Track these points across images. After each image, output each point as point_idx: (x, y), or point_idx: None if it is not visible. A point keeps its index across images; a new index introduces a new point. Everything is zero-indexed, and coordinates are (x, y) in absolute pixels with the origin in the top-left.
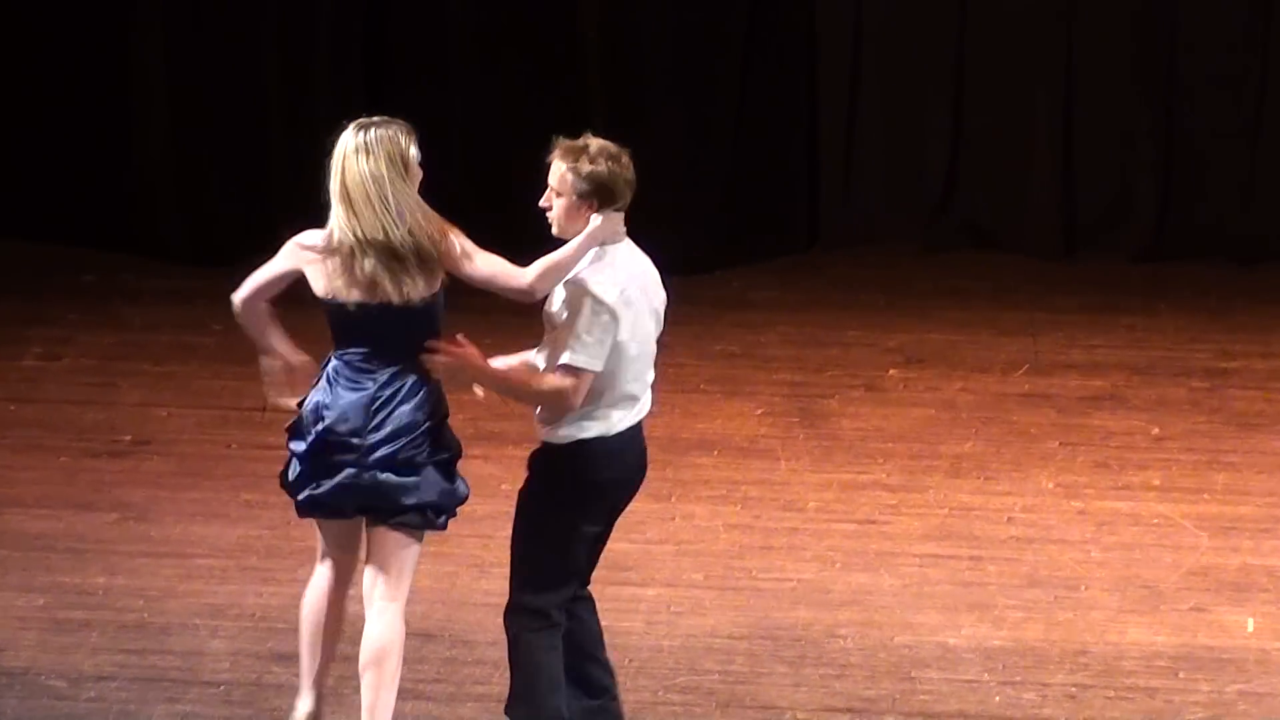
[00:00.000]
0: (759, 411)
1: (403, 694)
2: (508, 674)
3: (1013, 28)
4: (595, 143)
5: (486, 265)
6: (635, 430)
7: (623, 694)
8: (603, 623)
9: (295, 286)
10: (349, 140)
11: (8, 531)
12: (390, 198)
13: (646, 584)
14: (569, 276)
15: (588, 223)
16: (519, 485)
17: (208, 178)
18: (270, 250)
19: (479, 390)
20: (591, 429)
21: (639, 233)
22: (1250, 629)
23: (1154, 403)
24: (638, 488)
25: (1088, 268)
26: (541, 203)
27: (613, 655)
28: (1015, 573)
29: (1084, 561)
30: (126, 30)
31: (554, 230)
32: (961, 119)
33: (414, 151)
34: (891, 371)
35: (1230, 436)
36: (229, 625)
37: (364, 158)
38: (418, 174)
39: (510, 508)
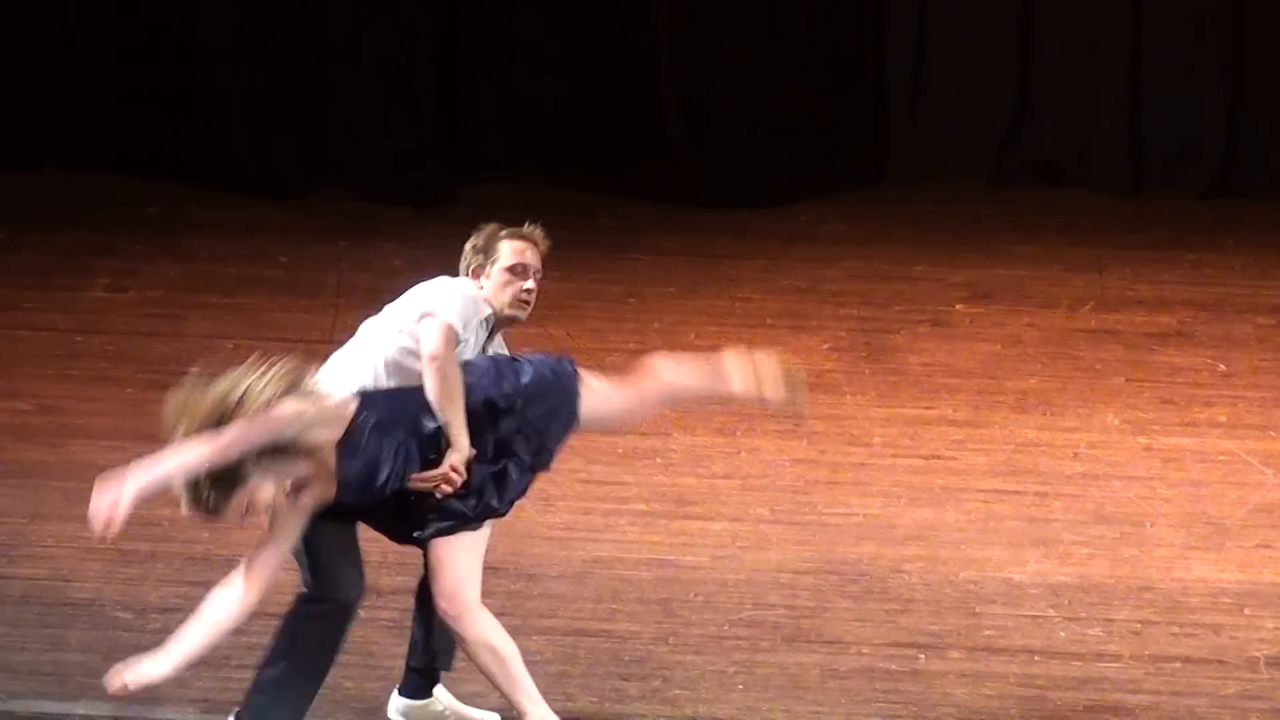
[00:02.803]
0: (825, 346)
1: None
2: (574, 606)
3: None
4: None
5: None
6: None
7: (688, 628)
8: (669, 556)
9: None
10: None
11: (75, 462)
12: None
13: (712, 518)
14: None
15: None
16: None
17: (274, 109)
18: (335, 182)
19: None
20: None
21: (707, 167)
22: None
23: (1221, 339)
24: None
25: (1156, 203)
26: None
27: (678, 589)
28: (1081, 509)
29: (1149, 498)
30: None
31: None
32: (1030, 53)
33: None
34: (958, 307)
35: None
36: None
37: None
38: None
39: (576, 442)
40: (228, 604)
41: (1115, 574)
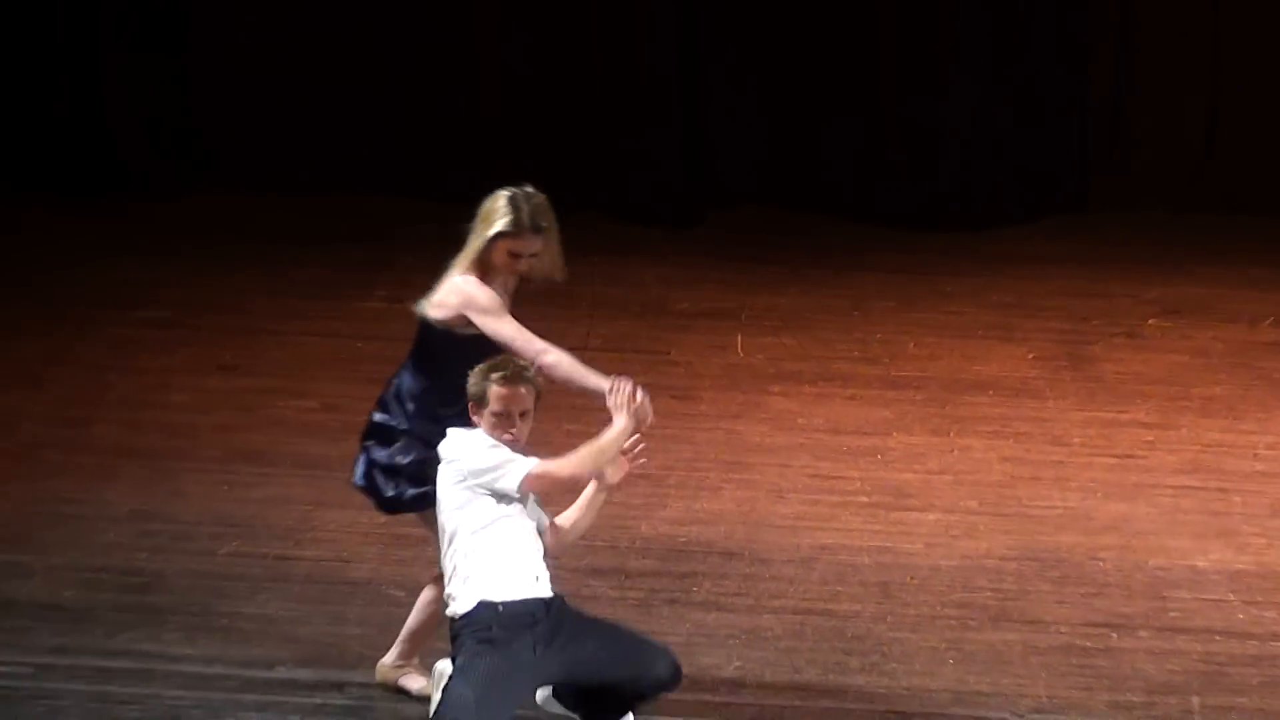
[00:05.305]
0: (1030, 355)
1: (706, 605)
2: (802, 588)
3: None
4: None
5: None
6: None
7: (904, 608)
8: (888, 544)
9: None
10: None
11: (353, 456)
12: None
13: (927, 509)
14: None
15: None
16: (814, 421)
17: (539, 137)
18: (591, 204)
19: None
20: None
21: (928, 195)
22: None
23: None
24: None
25: None
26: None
27: (896, 573)
28: (1260, 504)
29: None
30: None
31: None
32: (1219, 92)
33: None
34: (1150, 321)
35: None
36: None
37: None
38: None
39: (806, 440)
40: None
41: None
